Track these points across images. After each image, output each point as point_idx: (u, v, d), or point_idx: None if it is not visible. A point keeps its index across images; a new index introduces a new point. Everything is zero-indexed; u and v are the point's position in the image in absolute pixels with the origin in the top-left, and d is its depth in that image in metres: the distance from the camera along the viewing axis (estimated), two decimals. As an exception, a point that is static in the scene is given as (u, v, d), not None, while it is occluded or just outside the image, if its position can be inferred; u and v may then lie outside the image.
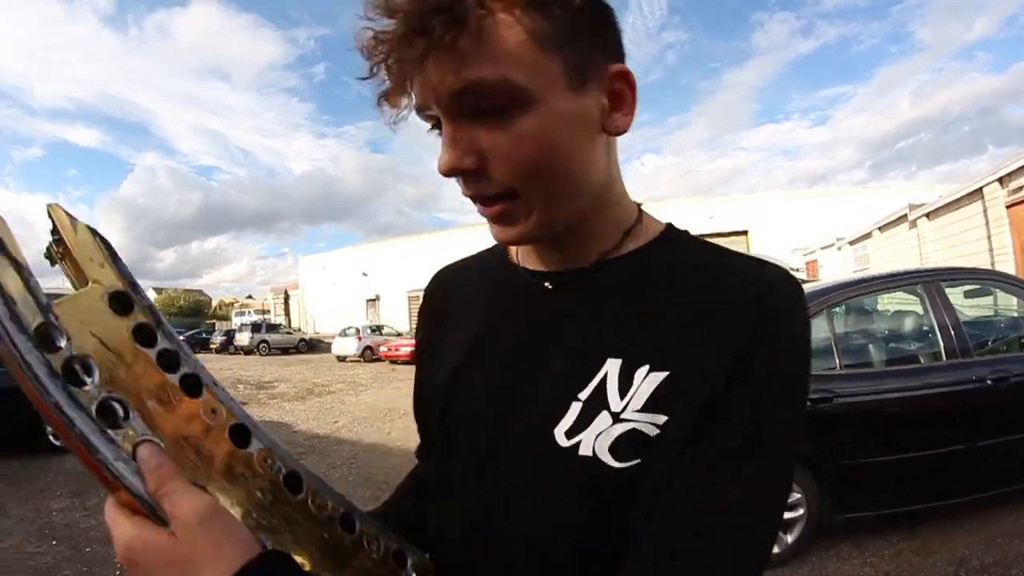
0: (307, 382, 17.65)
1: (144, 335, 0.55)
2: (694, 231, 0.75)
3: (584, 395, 0.64)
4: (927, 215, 16.59)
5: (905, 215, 17.91)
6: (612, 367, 0.63)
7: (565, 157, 0.61)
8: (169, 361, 0.56)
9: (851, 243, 23.12)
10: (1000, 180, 12.90)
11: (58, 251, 0.57)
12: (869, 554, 4.01)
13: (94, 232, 0.57)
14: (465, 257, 0.91)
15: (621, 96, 0.65)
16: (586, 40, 0.60)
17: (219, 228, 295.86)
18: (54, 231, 0.57)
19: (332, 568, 0.59)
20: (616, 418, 0.61)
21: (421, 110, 0.61)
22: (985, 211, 13.54)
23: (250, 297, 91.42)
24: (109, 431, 0.48)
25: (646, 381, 0.61)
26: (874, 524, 4.21)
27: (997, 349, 4.53)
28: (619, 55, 0.65)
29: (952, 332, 4.18)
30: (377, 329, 29.50)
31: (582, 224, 0.69)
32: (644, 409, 0.60)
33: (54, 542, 5.13)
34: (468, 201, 0.67)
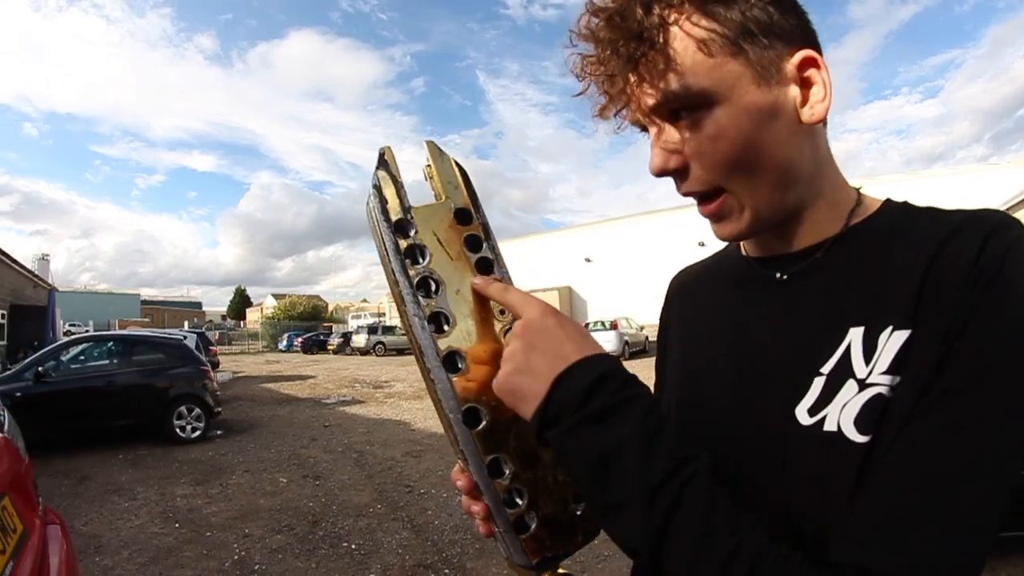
0: (422, 382, 17.42)
1: (472, 243, 0.70)
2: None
3: (827, 368, 0.62)
4: (1058, 193, 14.59)
5: (1033, 195, 15.76)
6: (856, 335, 0.61)
7: (763, 150, 0.62)
8: (484, 266, 0.70)
9: (982, 229, 21.06)
10: None
11: (428, 173, 0.73)
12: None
13: (456, 163, 0.74)
14: (703, 259, 0.92)
15: (812, 82, 0.64)
16: (763, 34, 0.61)
17: (334, 238, 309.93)
18: (428, 159, 0.73)
19: (522, 468, 0.68)
20: (862, 384, 0.59)
21: (632, 120, 0.67)
22: None
23: (365, 301, 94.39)
24: (420, 296, 0.65)
25: (891, 341, 0.58)
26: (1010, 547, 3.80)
27: None
28: (805, 40, 0.65)
29: None
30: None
31: (801, 213, 0.69)
32: (888, 371, 0.57)
33: (177, 524, 5.31)
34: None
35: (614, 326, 23.51)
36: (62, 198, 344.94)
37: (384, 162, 0.69)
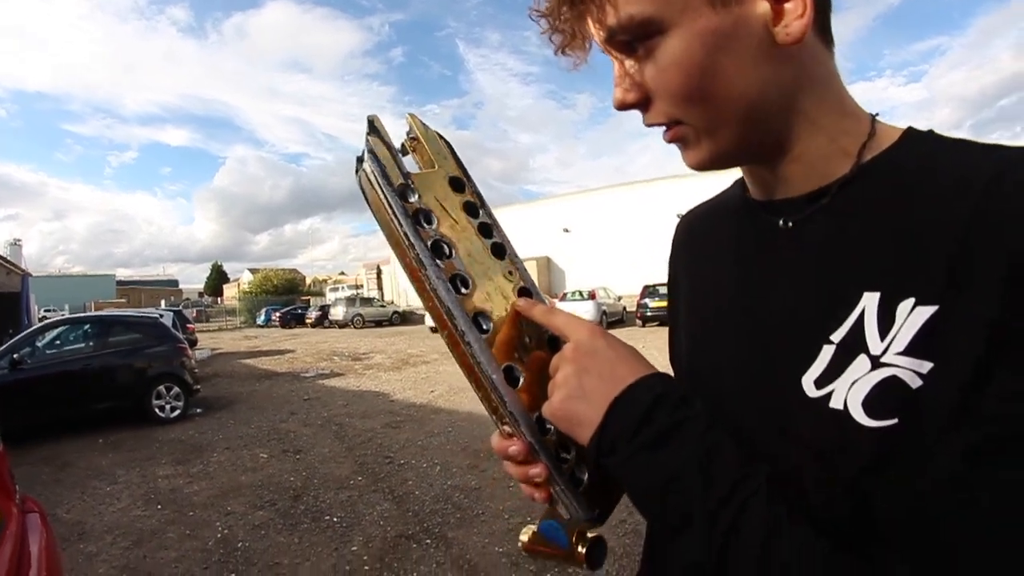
0: (402, 353, 17.59)
1: (470, 209, 0.71)
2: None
3: (838, 336, 0.56)
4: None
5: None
6: (870, 301, 0.54)
7: (722, 78, 0.57)
8: (485, 231, 0.71)
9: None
10: None
11: (411, 146, 0.73)
12: None
13: (440, 135, 0.75)
14: (712, 197, 0.86)
15: None
16: None
17: (311, 210, 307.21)
18: (410, 131, 0.73)
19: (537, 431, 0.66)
20: (876, 362, 0.52)
21: (606, 50, 0.63)
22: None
23: (343, 273, 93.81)
24: (437, 260, 0.64)
25: (912, 316, 0.51)
26: None
27: None
28: None
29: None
30: (467, 300, 29.49)
31: (790, 147, 0.62)
32: (908, 352, 0.50)
33: (159, 506, 5.34)
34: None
35: (592, 296, 23.60)
36: (32, 180, 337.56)
37: (375, 129, 0.68)
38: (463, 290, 0.65)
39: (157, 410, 9.02)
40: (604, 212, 36.60)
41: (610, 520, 0.70)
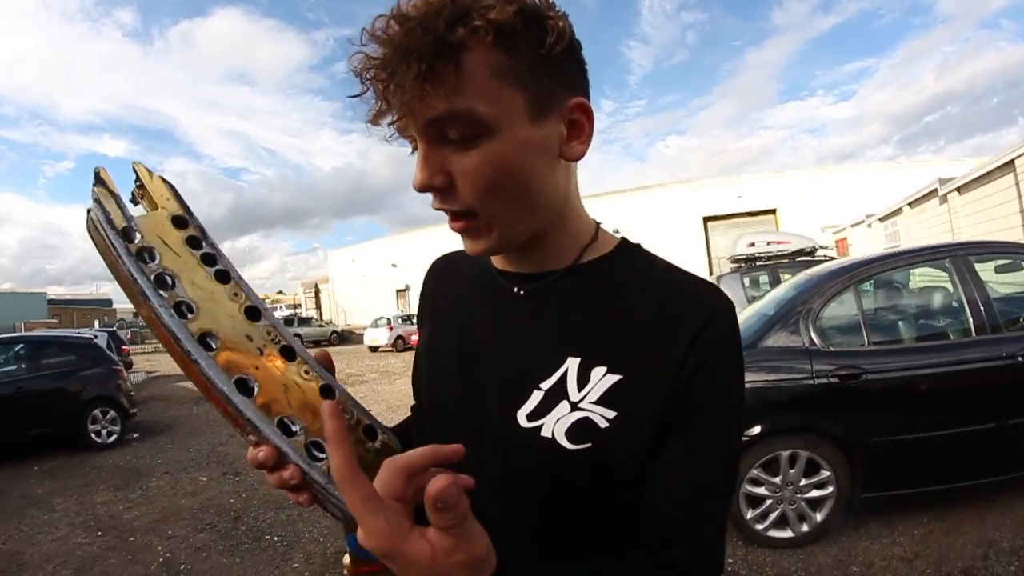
0: (341, 372, 16.01)
1: (193, 243, 0.75)
2: (722, 211, 0.85)
3: (546, 385, 0.73)
4: (958, 189, 15.87)
5: (935, 190, 16.94)
6: (572, 364, 0.72)
7: (522, 179, 0.69)
8: (209, 260, 0.75)
9: (881, 220, 21.87)
10: (1032, 151, 12.33)
11: (139, 194, 0.77)
12: (898, 534, 3.97)
13: (164, 179, 0.79)
14: (461, 250, 0.90)
15: (579, 126, 0.72)
16: (549, 77, 0.68)
17: (251, 227, 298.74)
18: (137, 180, 0.78)
19: (311, 420, 0.69)
20: (574, 407, 0.70)
21: (401, 131, 0.69)
22: (1018, 184, 13.01)
23: (281, 293, 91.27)
24: (160, 291, 0.68)
25: (602, 380, 0.70)
26: (904, 503, 4.13)
27: (1029, 325, 4.29)
28: (582, 88, 0.73)
29: (982, 308, 4.05)
30: (408, 319, 28.62)
31: (544, 237, 0.77)
32: (599, 403, 0.69)
33: (99, 533, 5.30)
34: None
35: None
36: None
37: (100, 180, 0.72)
38: (188, 315, 0.68)
39: (93, 435, 8.76)
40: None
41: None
